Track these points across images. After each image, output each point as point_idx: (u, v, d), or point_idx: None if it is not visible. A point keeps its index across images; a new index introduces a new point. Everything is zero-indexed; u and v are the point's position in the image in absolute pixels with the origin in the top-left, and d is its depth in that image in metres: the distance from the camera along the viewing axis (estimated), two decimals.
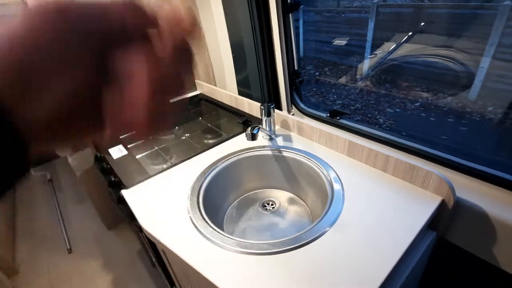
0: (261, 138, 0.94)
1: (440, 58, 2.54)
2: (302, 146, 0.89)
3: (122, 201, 0.80)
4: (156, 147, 0.99)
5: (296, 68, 1.06)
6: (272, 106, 0.88)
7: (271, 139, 0.93)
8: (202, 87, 1.37)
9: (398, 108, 2.54)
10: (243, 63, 1.14)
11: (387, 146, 0.84)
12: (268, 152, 0.90)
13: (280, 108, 1.11)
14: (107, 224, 1.75)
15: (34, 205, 2.05)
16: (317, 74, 3.48)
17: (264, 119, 0.89)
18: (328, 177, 0.75)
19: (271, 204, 0.89)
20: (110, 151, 0.97)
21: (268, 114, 0.88)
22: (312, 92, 3.12)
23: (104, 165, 0.99)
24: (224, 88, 1.31)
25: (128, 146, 0.99)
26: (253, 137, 0.84)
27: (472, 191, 0.68)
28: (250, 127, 0.83)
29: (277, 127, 1.00)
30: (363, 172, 0.76)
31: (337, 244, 0.57)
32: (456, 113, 2.24)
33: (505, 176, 0.65)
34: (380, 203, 0.65)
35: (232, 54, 1.16)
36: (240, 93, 1.23)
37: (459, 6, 2.68)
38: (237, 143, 0.95)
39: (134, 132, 0.18)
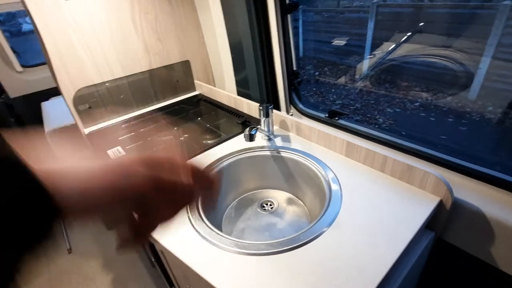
0: (259, 139, 0.94)
1: (439, 58, 2.54)
2: (301, 146, 0.89)
3: None
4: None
5: (295, 68, 1.06)
6: (270, 107, 0.88)
7: (269, 139, 0.93)
8: (201, 88, 1.37)
9: (398, 108, 2.54)
10: (242, 63, 1.14)
11: (385, 146, 0.84)
12: (267, 152, 0.90)
13: (278, 109, 1.12)
14: (107, 224, 1.75)
15: None
16: (317, 74, 3.48)
17: (262, 119, 0.89)
18: (326, 178, 0.75)
19: (270, 204, 0.89)
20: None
21: (267, 115, 0.88)
22: (312, 92, 3.13)
23: None
24: (223, 88, 1.31)
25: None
26: (251, 138, 0.85)
27: (470, 192, 0.68)
28: (248, 128, 0.83)
29: (275, 128, 1.00)
30: (361, 173, 0.76)
31: (335, 244, 0.57)
32: (455, 113, 2.24)
33: (503, 177, 0.65)
34: (378, 203, 0.66)
35: (231, 55, 1.16)
36: (239, 94, 1.23)
37: (458, 6, 2.68)
38: (236, 143, 0.95)
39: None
